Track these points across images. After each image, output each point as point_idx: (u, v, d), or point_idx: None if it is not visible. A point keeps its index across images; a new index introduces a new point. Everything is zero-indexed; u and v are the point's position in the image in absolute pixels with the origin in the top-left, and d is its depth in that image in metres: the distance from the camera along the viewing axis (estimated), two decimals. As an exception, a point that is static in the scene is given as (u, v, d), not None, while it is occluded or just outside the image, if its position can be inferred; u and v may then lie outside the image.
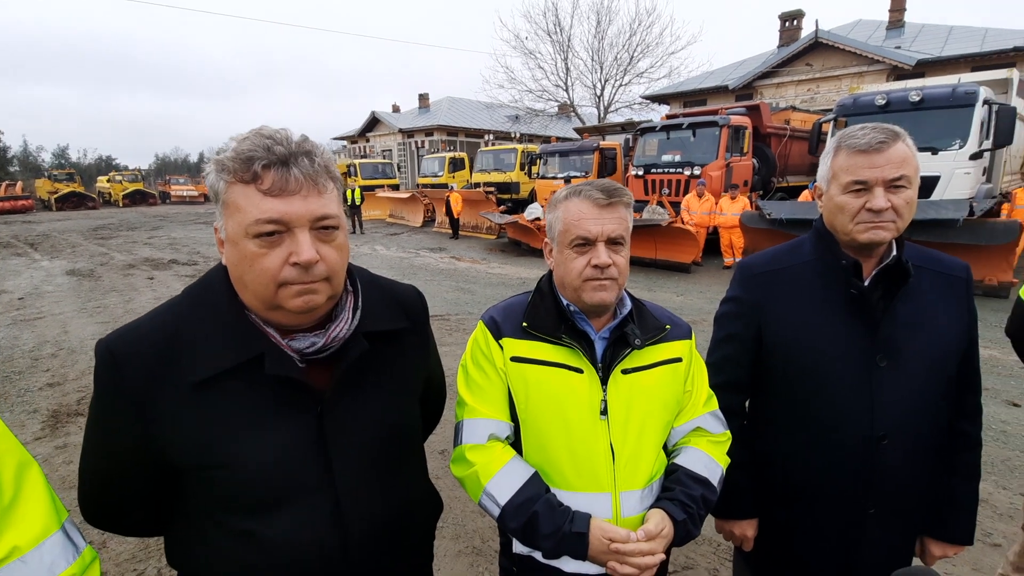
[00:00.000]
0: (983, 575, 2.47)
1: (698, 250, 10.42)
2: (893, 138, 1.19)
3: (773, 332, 1.36)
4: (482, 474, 1.11)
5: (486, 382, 1.18)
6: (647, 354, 1.17)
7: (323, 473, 0.91)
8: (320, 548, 0.90)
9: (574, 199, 1.14)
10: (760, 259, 1.44)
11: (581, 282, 1.12)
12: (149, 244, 15.17)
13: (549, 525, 1.06)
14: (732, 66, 22.74)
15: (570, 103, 26.45)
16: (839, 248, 1.29)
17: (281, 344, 0.89)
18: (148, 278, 10.04)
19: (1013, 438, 3.81)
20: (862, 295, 1.25)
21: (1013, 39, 16.01)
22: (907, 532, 1.36)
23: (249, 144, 0.83)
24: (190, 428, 0.85)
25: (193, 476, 0.88)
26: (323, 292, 0.87)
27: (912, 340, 1.25)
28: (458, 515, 3.01)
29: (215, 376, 0.85)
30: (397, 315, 1.05)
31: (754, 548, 1.47)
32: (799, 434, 1.33)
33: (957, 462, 1.35)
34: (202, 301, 0.91)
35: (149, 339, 0.87)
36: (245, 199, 0.82)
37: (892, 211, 1.20)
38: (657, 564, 1.05)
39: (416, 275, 10.39)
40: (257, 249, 0.82)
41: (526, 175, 18.49)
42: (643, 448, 1.15)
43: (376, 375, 0.99)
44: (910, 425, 1.25)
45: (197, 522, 0.92)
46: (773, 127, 12.49)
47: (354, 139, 37.71)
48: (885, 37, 19.77)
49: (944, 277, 1.31)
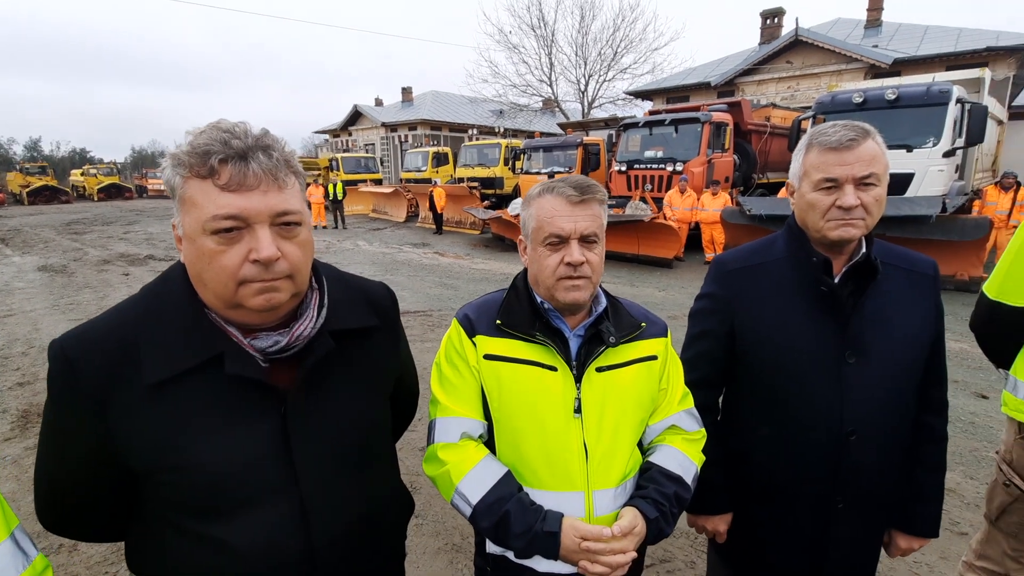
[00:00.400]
0: (950, 563, 2.54)
1: (680, 246, 10.51)
2: (863, 136, 1.20)
3: (746, 328, 1.37)
4: (454, 473, 1.10)
5: (459, 380, 1.16)
6: (622, 352, 1.17)
7: (287, 475, 0.89)
8: (285, 552, 0.88)
9: (547, 196, 1.13)
10: (734, 255, 1.45)
11: (554, 281, 1.10)
12: (125, 239, 14.82)
13: (521, 524, 1.05)
14: (714, 63, 22.92)
15: (554, 98, 26.42)
16: (810, 245, 1.30)
17: (243, 343, 0.87)
18: (124, 274, 9.81)
19: (981, 429, 3.91)
20: (832, 292, 1.26)
21: (985, 39, 16.39)
22: (875, 525, 1.38)
23: (205, 138, 0.80)
24: (147, 430, 0.83)
25: (151, 479, 0.86)
26: (286, 290, 0.85)
27: (880, 337, 1.27)
28: (438, 512, 3.00)
29: (174, 377, 0.83)
30: (365, 313, 1.03)
31: (727, 541, 1.49)
32: (770, 429, 1.35)
33: (923, 455, 1.37)
34: (160, 300, 0.88)
35: (105, 339, 0.85)
36: (202, 194, 0.80)
37: (862, 208, 1.21)
38: (628, 562, 1.05)
39: (399, 270, 10.31)
40: (215, 246, 0.80)
41: (510, 170, 18.44)
42: (617, 446, 1.14)
43: (343, 374, 0.97)
44: (878, 420, 1.27)
45: (156, 527, 0.90)
46: (754, 124, 12.65)
47: (336, 133, 37.24)
48: (863, 36, 20.07)
49: (912, 274, 1.33)
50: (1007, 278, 1.56)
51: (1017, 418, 1.61)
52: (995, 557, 1.72)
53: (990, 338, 1.69)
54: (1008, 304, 1.56)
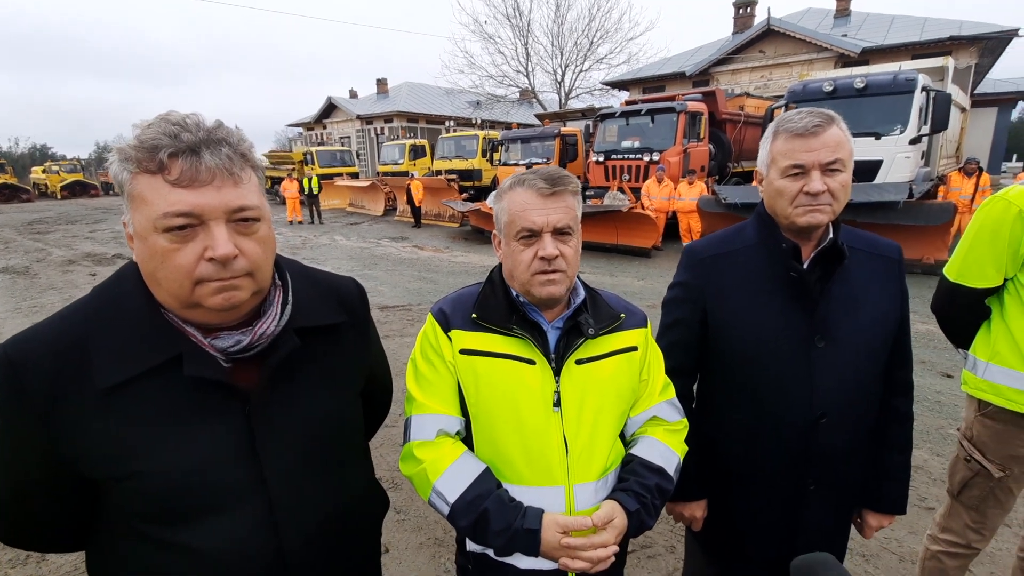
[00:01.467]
0: (918, 537, 2.62)
1: (658, 235, 10.61)
2: (828, 122, 1.21)
3: (717, 315, 1.38)
4: (430, 471, 1.07)
5: (435, 376, 1.14)
6: (601, 343, 1.15)
7: (254, 476, 0.86)
8: (255, 555, 0.86)
9: (518, 189, 1.10)
10: (705, 243, 1.46)
11: (529, 276, 1.08)
12: (91, 238, 14.34)
13: (500, 522, 1.03)
14: (689, 52, 23.07)
15: (531, 89, 26.31)
16: (779, 232, 1.32)
17: (202, 343, 0.84)
18: (90, 275, 9.50)
19: (947, 407, 4.05)
20: (801, 277, 1.28)
21: (949, 29, 16.81)
22: (845, 506, 1.42)
23: (153, 131, 0.77)
24: (102, 437, 0.79)
25: (109, 487, 0.83)
26: (246, 288, 0.82)
27: (848, 320, 1.29)
28: (419, 507, 2.99)
29: (129, 380, 0.79)
30: (333, 309, 1.00)
31: (703, 527, 1.51)
32: (743, 415, 1.36)
33: (889, 436, 1.41)
34: (113, 300, 0.85)
35: (53, 342, 0.81)
36: (151, 191, 0.76)
37: (828, 194, 1.22)
38: (610, 556, 1.04)
39: (377, 265, 10.20)
40: (168, 244, 0.77)
41: (488, 162, 18.33)
42: (597, 439, 1.13)
43: (310, 372, 0.94)
44: (847, 403, 1.30)
45: (118, 535, 0.86)
46: (728, 113, 12.78)
47: (310, 126, 36.52)
48: (833, 25, 20.40)
49: (877, 258, 1.36)
50: (965, 261, 1.61)
51: (977, 396, 1.66)
52: (957, 529, 1.78)
53: (950, 319, 1.75)
54: (966, 286, 1.61)
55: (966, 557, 1.79)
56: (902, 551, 2.56)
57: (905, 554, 2.53)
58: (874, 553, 2.54)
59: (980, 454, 1.67)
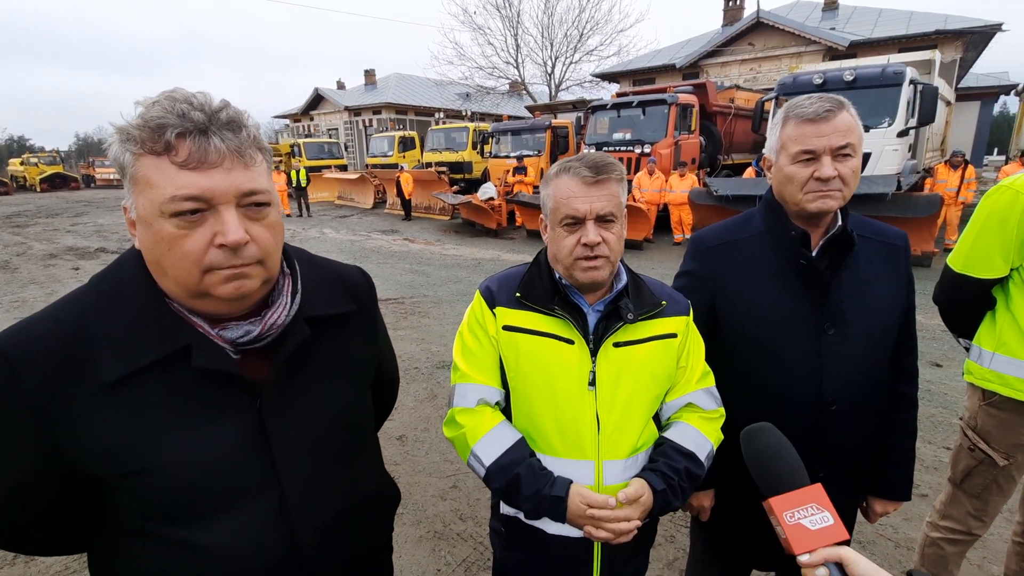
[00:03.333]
0: (913, 524, 2.66)
1: (649, 227, 10.63)
2: (839, 107, 1.20)
3: (726, 304, 1.37)
4: (470, 436, 1.15)
5: (479, 349, 1.20)
6: (640, 328, 1.17)
7: (266, 472, 0.83)
8: (269, 551, 0.83)
9: (563, 176, 1.13)
10: (712, 232, 1.45)
11: (572, 261, 1.12)
12: (73, 232, 14.03)
13: (530, 487, 1.09)
14: (679, 45, 23.06)
15: (521, 81, 26.16)
16: (788, 219, 1.31)
17: (210, 334, 0.80)
18: (73, 268, 9.30)
19: (936, 396, 4.11)
20: (810, 265, 1.27)
21: (934, 23, 16.98)
22: (852, 493, 1.42)
23: (159, 109, 0.72)
24: (105, 433, 0.75)
25: (113, 485, 0.79)
26: (257, 276, 0.79)
27: (858, 307, 1.29)
28: (418, 500, 2.97)
29: (133, 373, 0.76)
30: (341, 298, 0.98)
31: (711, 519, 1.51)
32: (752, 404, 1.35)
33: (895, 422, 1.41)
34: (112, 290, 0.80)
35: (50, 336, 0.76)
36: (157, 173, 0.72)
37: (839, 179, 1.21)
38: (632, 530, 1.08)
39: (368, 258, 10.11)
40: (175, 230, 0.73)
41: (478, 154, 18.21)
42: (629, 419, 1.16)
43: (320, 363, 0.92)
44: (857, 390, 1.30)
45: (124, 536, 0.82)
46: (719, 105, 12.80)
47: (297, 117, 36.03)
48: (821, 18, 20.51)
49: (885, 246, 1.35)
50: (972, 251, 1.61)
51: (981, 385, 1.67)
52: (958, 516, 1.80)
53: (955, 310, 1.75)
54: (972, 276, 1.61)
55: (966, 543, 1.81)
56: (897, 537, 2.59)
57: (900, 540, 2.57)
58: (870, 540, 2.58)
59: (984, 443, 1.69)
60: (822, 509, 0.83)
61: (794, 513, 0.83)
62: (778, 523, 0.83)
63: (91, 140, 76.36)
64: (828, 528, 0.80)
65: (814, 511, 0.83)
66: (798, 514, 0.83)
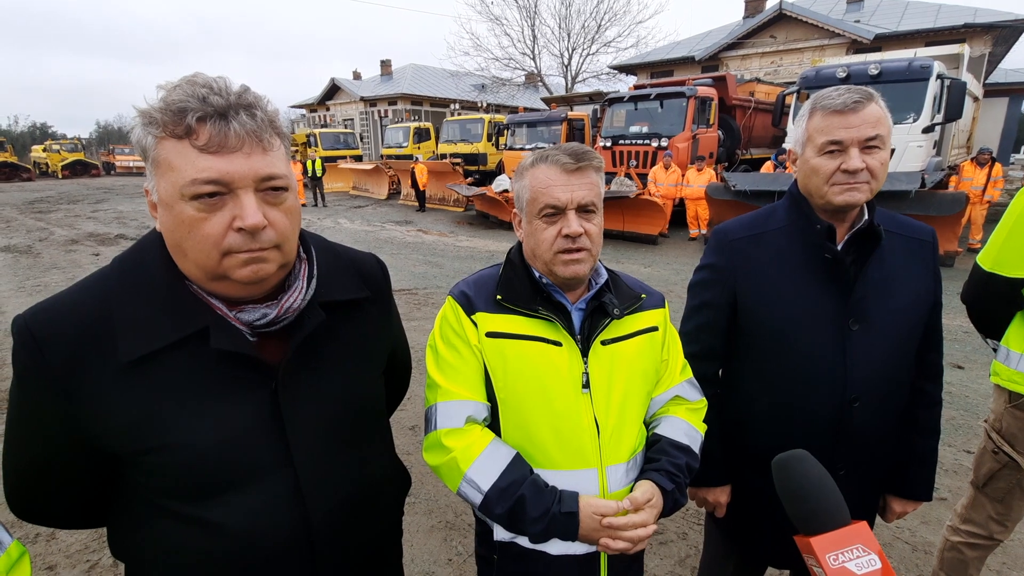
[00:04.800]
0: (930, 527, 2.62)
1: (665, 222, 10.53)
2: (868, 98, 1.17)
3: (748, 298, 1.34)
4: (462, 460, 1.03)
5: (459, 361, 1.09)
6: (625, 324, 1.13)
7: (280, 452, 0.84)
8: (280, 531, 0.84)
9: (540, 165, 1.07)
10: (735, 225, 1.42)
11: (552, 255, 1.05)
12: (93, 218, 14.30)
13: (537, 508, 1.00)
14: (698, 37, 22.69)
15: (537, 72, 25.99)
16: (813, 212, 1.28)
17: (228, 316, 0.81)
18: (93, 254, 9.48)
19: (957, 399, 4.03)
20: (835, 259, 1.24)
21: (964, 15, 16.48)
22: (871, 491, 1.40)
23: (181, 93, 0.73)
24: (125, 411, 0.77)
25: (134, 462, 0.81)
26: (274, 260, 0.79)
27: (882, 303, 1.26)
28: (430, 490, 2.99)
29: (153, 353, 0.77)
30: (356, 284, 0.98)
31: (728, 515, 1.49)
32: (773, 399, 1.34)
33: (919, 420, 1.38)
34: (135, 271, 0.82)
35: (74, 315, 0.78)
36: (179, 156, 0.73)
37: (867, 172, 1.18)
38: (649, 536, 1.02)
39: (382, 248, 10.16)
40: (195, 213, 0.73)
41: (493, 146, 18.16)
42: (626, 420, 1.11)
43: (335, 348, 0.92)
44: (880, 386, 1.27)
45: (142, 511, 0.84)
46: (738, 99, 12.59)
47: (313, 107, 36.20)
48: (846, 11, 20.01)
49: (912, 241, 1.32)
50: (1003, 250, 1.56)
51: (1008, 387, 1.63)
52: (980, 520, 1.76)
53: (983, 310, 1.70)
54: (1003, 275, 1.56)
55: (987, 548, 1.77)
56: (915, 540, 2.55)
57: (918, 544, 2.53)
58: (887, 542, 2.53)
59: (1009, 446, 1.64)
60: (868, 551, 0.76)
61: (838, 556, 0.76)
62: (817, 564, 0.76)
63: (111, 128, 77.36)
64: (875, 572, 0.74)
65: (860, 553, 0.76)
66: (843, 556, 0.76)
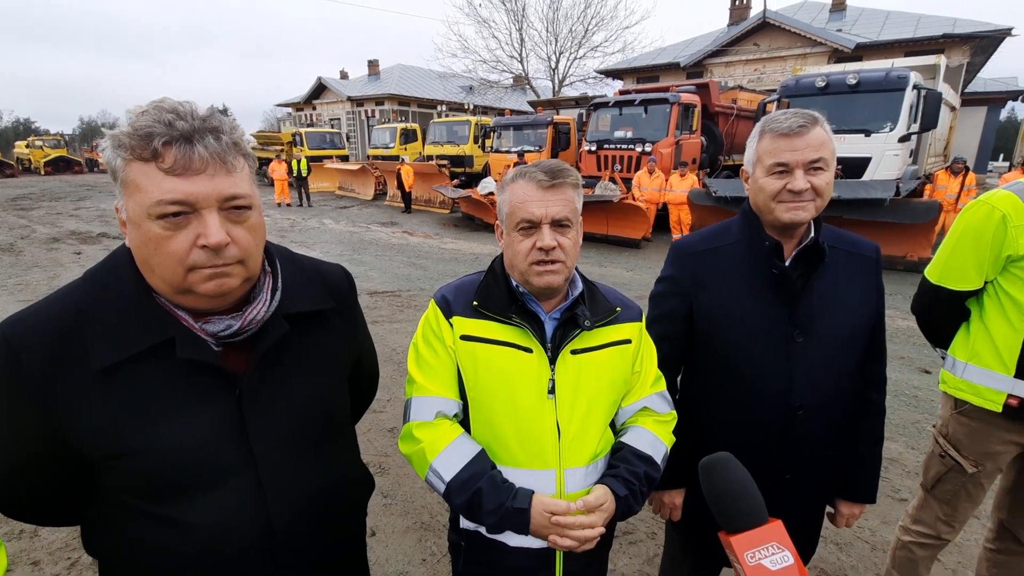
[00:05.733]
0: (890, 527, 2.71)
1: (648, 226, 10.65)
2: (812, 123, 1.24)
3: (703, 309, 1.41)
4: (428, 451, 1.12)
5: (435, 360, 1.17)
6: (597, 335, 1.18)
7: (243, 457, 0.89)
8: (245, 531, 0.89)
9: (519, 181, 1.13)
10: (692, 239, 1.48)
11: (527, 265, 1.11)
12: (75, 216, 14.08)
13: (492, 501, 1.08)
14: (683, 43, 22.97)
15: (524, 75, 26.11)
16: (763, 229, 1.35)
17: (194, 327, 0.86)
18: (75, 253, 9.36)
19: (923, 403, 4.15)
20: (783, 274, 1.31)
21: (942, 26, 16.90)
22: (818, 495, 1.47)
23: (148, 119, 0.77)
24: (97, 417, 0.81)
25: (105, 465, 0.85)
26: (237, 275, 0.84)
27: (827, 316, 1.33)
28: (407, 492, 3.02)
29: (123, 362, 0.81)
30: (321, 295, 1.02)
31: (683, 515, 1.55)
32: (725, 406, 1.40)
33: (863, 428, 1.45)
34: (105, 284, 0.86)
35: (48, 324, 0.82)
36: (145, 178, 0.77)
37: (812, 191, 1.25)
38: (596, 537, 1.08)
39: (367, 250, 10.15)
40: (161, 231, 0.78)
41: (480, 148, 18.21)
42: (589, 426, 1.16)
43: (298, 357, 0.97)
44: (824, 395, 1.34)
45: (114, 510, 0.89)
46: (721, 106, 12.78)
47: (299, 106, 35.95)
48: (828, 19, 20.41)
49: (856, 256, 1.39)
50: (948, 264, 1.65)
51: (954, 395, 1.71)
52: (928, 521, 1.85)
53: (931, 320, 1.79)
54: (948, 288, 1.65)
55: (935, 548, 1.86)
56: (875, 540, 2.64)
57: (877, 543, 2.62)
58: (848, 542, 2.63)
59: (955, 450, 1.73)
60: (782, 548, 0.83)
61: (755, 553, 0.83)
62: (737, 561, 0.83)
63: (95, 124, 76.13)
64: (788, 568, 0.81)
65: (775, 550, 0.83)
66: (759, 554, 0.83)
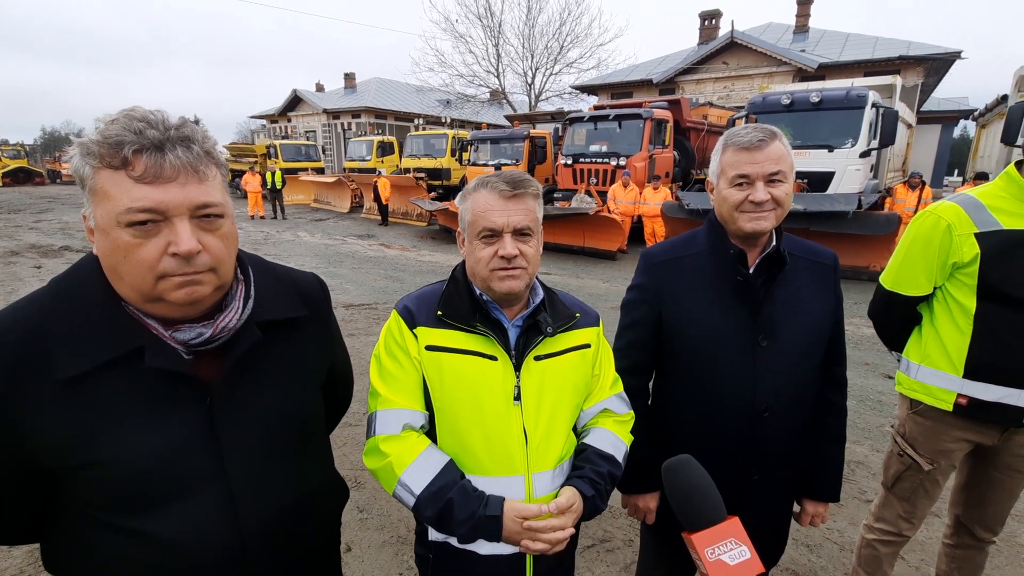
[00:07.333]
0: (858, 528, 2.78)
1: (623, 238, 10.82)
2: (771, 137, 1.30)
3: (671, 316, 1.45)
4: (396, 465, 1.11)
5: (400, 372, 1.17)
6: (558, 341, 1.21)
7: (214, 467, 0.88)
8: (215, 542, 0.87)
9: (481, 191, 1.15)
10: (660, 248, 1.53)
11: (489, 272, 1.13)
12: (36, 229, 13.59)
13: (464, 511, 1.08)
14: (656, 61, 23.60)
15: (501, 90, 26.40)
16: (727, 238, 1.40)
17: (164, 336, 0.85)
18: (35, 267, 9.01)
19: (887, 407, 4.29)
20: (746, 281, 1.37)
21: (898, 48, 17.78)
22: (785, 495, 1.51)
23: (118, 127, 0.77)
24: (60, 428, 0.80)
25: (68, 477, 0.83)
26: (209, 283, 0.84)
27: (788, 321, 1.38)
28: (383, 505, 2.99)
29: (89, 372, 0.80)
30: (293, 303, 1.02)
31: (657, 518, 1.58)
32: (693, 409, 1.44)
33: (825, 428, 1.51)
34: (71, 293, 0.84)
35: (10, 334, 0.80)
36: (115, 186, 0.77)
37: (772, 202, 1.31)
38: (567, 539, 1.10)
39: (343, 262, 10.05)
40: (131, 239, 0.77)
41: (457, 161, 18.30)
42: (554, 430, 1.19)
43: (271, 365, 0.96)
44: (787, 398, 1.39)
45: (77, 525, 0.86)
46: (692, 121, 13.15)
47: (274, 118, 35.59)
48: (792, 40, 21.26)
49: (815, 264, 1.46)
50: (899, 271, 1.73)
51: (909, 395, 1.79)
52: (890, 519, 1.92)
53: (886, 325, 1.87)
54: (900, 294, 1.74)
55: (897, 544, 1.93)
56: (843, 540, 2.71)
57: (845, 544, 2.69)
58: (817, 543, 2.69)
59: (912, 449, 1.80)
60: (740, 543, 0.88)
61: (715, 549, 0.88)
62: (699, 558, 0.88)
63: (58, 134, 73.77)
64: (746, 562, 0.86)
65: (733, 545, 0.88)
66: (718, 550, 0.88)
